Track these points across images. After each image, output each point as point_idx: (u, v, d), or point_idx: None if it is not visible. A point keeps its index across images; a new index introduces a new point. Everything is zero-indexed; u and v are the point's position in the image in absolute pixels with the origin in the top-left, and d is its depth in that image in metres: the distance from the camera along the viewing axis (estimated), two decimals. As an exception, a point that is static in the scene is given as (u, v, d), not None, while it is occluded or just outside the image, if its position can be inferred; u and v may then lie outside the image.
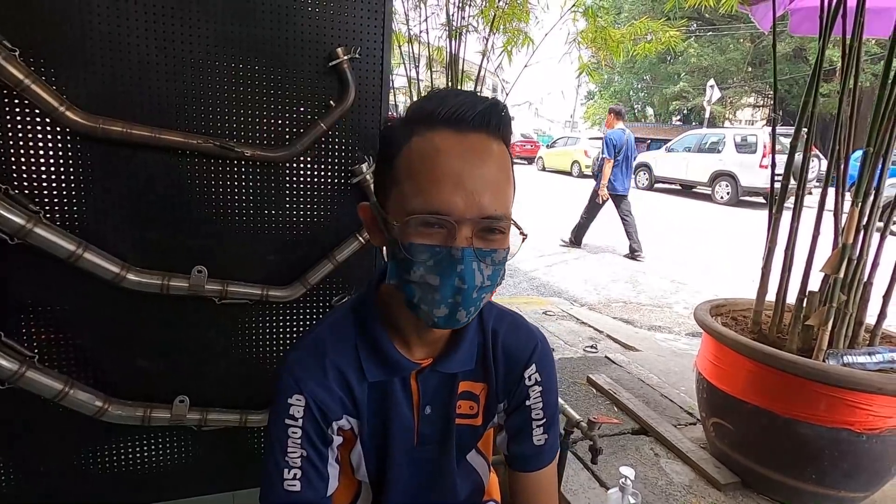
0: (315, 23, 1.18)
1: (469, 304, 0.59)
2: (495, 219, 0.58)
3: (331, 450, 0.70)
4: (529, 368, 0.76)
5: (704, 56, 20.79)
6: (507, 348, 0.76)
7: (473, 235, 0.58)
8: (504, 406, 0.78)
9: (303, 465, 0.67)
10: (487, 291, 0.62)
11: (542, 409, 0.77)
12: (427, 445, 0.75)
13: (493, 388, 0.76)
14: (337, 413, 0.69)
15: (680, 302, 4.41)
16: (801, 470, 1.47)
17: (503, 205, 0.59)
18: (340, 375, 0.68)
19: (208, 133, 1.16)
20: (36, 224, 1.01)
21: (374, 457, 0.74)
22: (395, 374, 0.70)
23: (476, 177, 0.57)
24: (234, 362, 1.30)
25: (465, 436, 0.78)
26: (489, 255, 0.59)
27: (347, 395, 0.69)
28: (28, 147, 1.05)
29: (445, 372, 0.72)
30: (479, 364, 0.75)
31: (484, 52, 2.81)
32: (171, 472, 1.34)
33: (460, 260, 0.57)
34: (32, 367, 1.07)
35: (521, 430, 0.78)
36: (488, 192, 0.57)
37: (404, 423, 0.72)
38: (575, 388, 2.29)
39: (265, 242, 1.26)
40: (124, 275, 1.12)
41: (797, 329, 1.61)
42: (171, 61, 1.11)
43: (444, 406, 0.74)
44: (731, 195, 10.78)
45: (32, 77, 0.99)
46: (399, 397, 0.71)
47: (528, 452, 0.77)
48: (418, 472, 0.76)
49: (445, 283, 0.58)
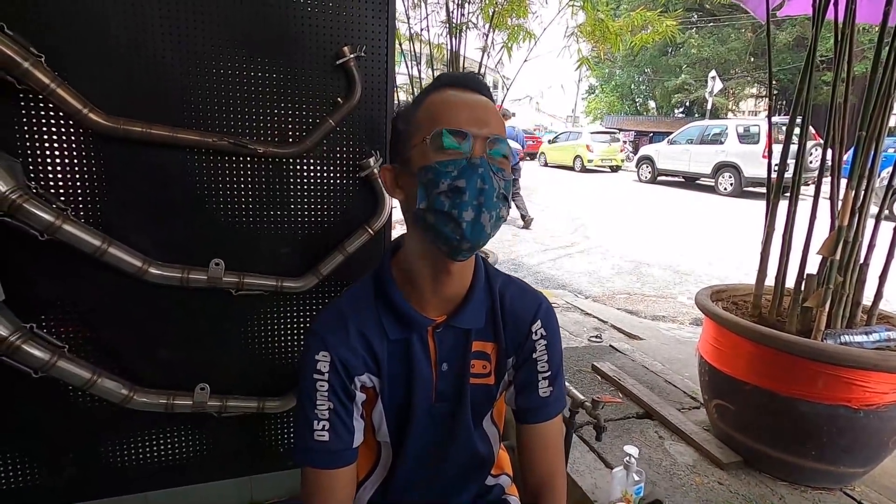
0: (322, 23, 1.23)
1: (492, 208, 0.68)
2: (499, 138, 0.70)
3: (355, 406, 0.77)
4: (535, 324, 0.83)
5: (706, 47, 20.68)
6: (514, 308, 0.82)
7: (485, 153, 0.69)
8: (513, 361, 0.84)
9: (330, 417, 0.74)
10: (503, 205, 0.70)
11: (548, 362, 0.83)
12: (444, 402, 0.81)
13: (503, 346, 0.82)
14: (359, 369, 0.76)
15: (683, 292, 4.44)
16: (801, 447, 1.51)
17: (502, 132, 0.72)
18: (362, 336, 0.76)
19: (222, 131, 1.22)
20: (64, 221, 1.07)
21: (395, 415, 0.80)
22: (412, 330, 0.77)
23: (480, 111, 0.71)
24: (251, 351, 1.36)
25: (480, 396, 0.83)
26: (500, 172, 0.70)
27: (369, 354, 0.76)
28: (53, 147, 1.11)
29: (459, 327, 0.79)
30: (489, 325, 0.81)
31: (484, 48, 2.85)
32: (192, 458, 1.40)
33: (480, 164, 0.68)
34: (63, 357, 1.13)
35: (528, 383, 0.83)
36: (491, 120, 0.71)
37: (424, 379, 0.79)
38: (580, 375, 2.33)
39: (279, 235, 1.32)
40: (146, 268, 1.18)
41: (796, 311, 1.65)
42: (186, 63, 1.17)
43: (460, 363, 0.80)
44: (734, 186, 10.77)
45: (58, 81, 1.05)
46: (419, 353, 0.78)
47: (534, 404, 0.83)
48: (436, 429, 0.82)
49: (470, 184, 0.67)
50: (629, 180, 13.75)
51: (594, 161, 15.63)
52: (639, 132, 22.06)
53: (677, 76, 22.10)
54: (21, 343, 1.07)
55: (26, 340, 1.08)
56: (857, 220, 1.53)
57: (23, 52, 1.01)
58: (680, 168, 12.37)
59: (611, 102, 28.15)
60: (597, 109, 29.52)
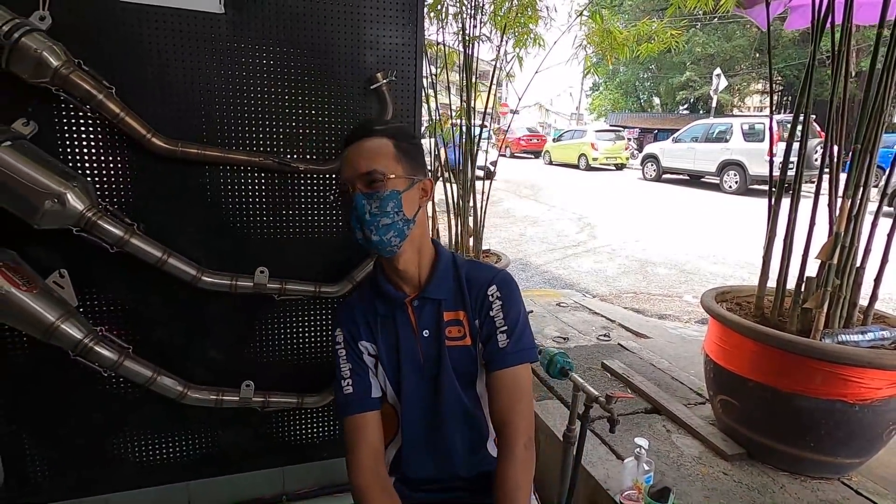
0: (358, 53, 1.35)
1: (369, 225, 0.91)
2: (368, 173, 0.91)
3: (369, 367, 1.03)
4: (491, 287, 1.01)
5: (710, 44, 20.65)
6: (475, 279, 1.03)
7: (360, 187, 0.92)
8: (478, 322, 1.02)
9: (351, 376, 1.01)
10: (385, 217, 0.91)
11: (504, 319, 1.00)
12: (430, 364, 1.02)
13: (470, 312, 1.02)
14: (360, 336, 1.03)
15: (689, 291, 4.54)
16: (801, 439, 1.62)
17: (375, 164, 0.92)
18: (362, 313, 1.04)
19: (268, 151, 1.34)
20: (132, 235, 1.19)
21: (392, 376, 1.02)
22: (394, 305, 1.02)
23: (356, 156, 0.93)
24: (291, 350, 1.48)
25: (461, 356, 1.02)
26: (374, 194, 0.91)
27: (366, 326, 1.03)
28: (120, 169, 1.23)
29: (430, 297, 1.01)
30: (457, 296, 1.02)
31: (497, 56, 2.95)
32: (231, 450, 1.52)
33: (353, 199, 0.92)
34: (129, 357, 1.25)
35: (488, 336, 1.00)
36: (363, 160, 0.92)
37: (409, 345, 1.01)
38: (591, 373, 2.45)
39: (317, 244, 1.43)
40: (200, 276, 1.30)
41: (796, 312, 1.75)
42: (235, 91, 1.28)
43: (437, 329, 1.01)
44: (739, 184, 10.81)
45: (126, 110, 1.16)
46: (402, 323, 1.02)
47: (493, 355, 1.00)
48: (427, 387, 1.02)
49: (351, 216, 0.92)
50: (634, 178, 13.81)
51: (599, 159, 15.68)
52: (643, 129, 22.06)
53: (682, 73, 22.07)
54: (93, 345, 1.19)
55: (98, 342, 1.20)
56: (853, 227, 1.63)
57: (97, 85, 1.13)
58: (685, 166, 12.42)
59: (615, 99, 28.12)
60: (601, 107, 29.48)
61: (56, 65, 1.08)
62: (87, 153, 1.20)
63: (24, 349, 1.25)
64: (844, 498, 1.57)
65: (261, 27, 1.27)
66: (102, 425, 1.38)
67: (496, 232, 6.68)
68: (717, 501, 1.53)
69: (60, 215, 1.09)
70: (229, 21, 1.25)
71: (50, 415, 1.33)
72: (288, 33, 1.29)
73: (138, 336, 1.31)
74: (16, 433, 1.29)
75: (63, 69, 1.08)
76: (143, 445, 1.44)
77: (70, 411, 1.34)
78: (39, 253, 1.20)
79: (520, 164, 17.04)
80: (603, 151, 15.67)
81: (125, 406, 1.38)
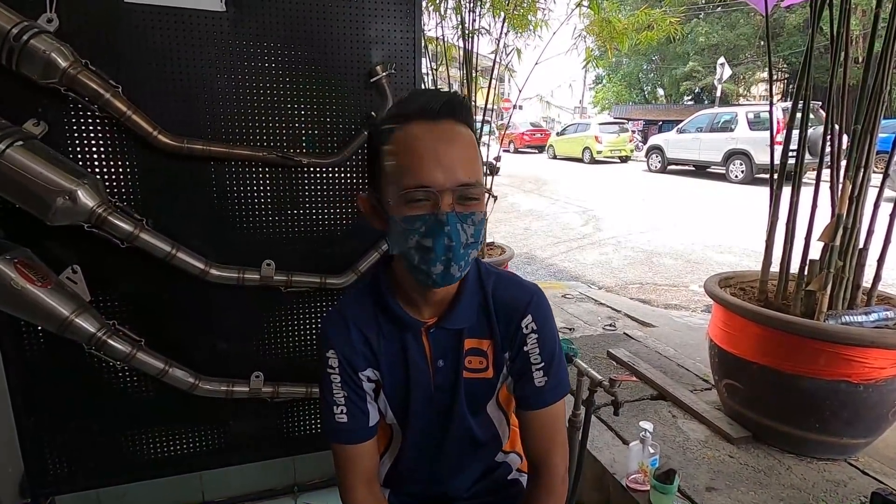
0: (357, 46, 1.37)
1: (459, 260, 0.72)
2: (469, 185, 0.71)
3: (367, 393, 0.86)
4: (525, 318, 0.85)
5: (714, 34, 20.46)
6: (505, 304, 0.86)
7: (454, 202, 0.71)
8: (509, 354, 0.88)
9: (346, 403, 0.84)
10: (473, 248, 0.74)
11: (540, 354, 0.86)
12: (442, 394, 0.87)
13: (498, 341, 0.86)
14: (361, 365, 0.84)
15: (695, 281, 4.53)
16: (806, 420, 1.63)
17: (475, 174, 0.72)
18: (362, 335, 0.83)
19: (271, 146, 1.36)
20: (141, 230, 1.22)
21: (397, 403, 0.88)
22: (405, 330, 0.84)
23: (449, 154, 0.70)
24: (298, 341, 1.51)
25: (480, 388, 0.88)
26: (470, 217, 0.72)
27: (369, 350, 0.84)
28: (128, 166, 1.26)
29: (449, 328, 0.84)
30: (482, 322, 0.86)
31: (497, 50, 2.96)
32: (243, 440, 1.55)
33: (446, 222, 0.70)
34: (141, 350, 1.29)
35: (522, 373, 0.87)
36: (461, 164, 0.71)
37: (420, 374, 0.85)
38: (596, 361, 2.46)
39: (321, 237, 1.46)
40: (208, 270, 1.33)
41: (800, 295, 1.75)
42: (238, 87, 1.31)
43: (454, 360, 0.86)
44: (745, 173, 10.74)
45: (133, 108, 1.19)
46: (414, 351, 0.85)
47: (530, 393, 0.87)
48: (435, 417, 0.89)
49: (437, 243, 0.70)
50: (639, 170, 13.75)
51: (603, 152, 15.62)
52: (648, 121, 21.93)
53: (685, 63, 21.89)
54: (107, 338, 1.22)
55: (111, 336, 1.23)
56: (854, 208, 1.63)
57: (104, 84, 1.16)
58: (690, 157, 12.35)
59: (618, 92, 27.96)
60: (604, 99, 29.31)
61: (64, 65, 1.11)
62: (96, 151, 1.23)
63: (40, 344, 1.29)
64: (851, 478, 1.58)
65: (261, 24, 1.29)
66: (117, 418, 1.41)
67: (500, 227, 6.69)
68: (722, 483, 1.55)
69: (72, 212, 1.13)
70: (231, 19, 1.27)
71: (67, 408, 1.36)
72: (288, 29, 1.32)
73: (149, 329, 1.34)
74: (34, 425, 1.33)
75: (71, 69, 1.11)
76: (158, 438, 1.47)
77: (86, 404, 1.37)
78: (53, 249, 1.23)
79: (524, 159, 17.01)
80: (607, 144, 15.61)
81: (139, 399, 1.41)
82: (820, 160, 1.76)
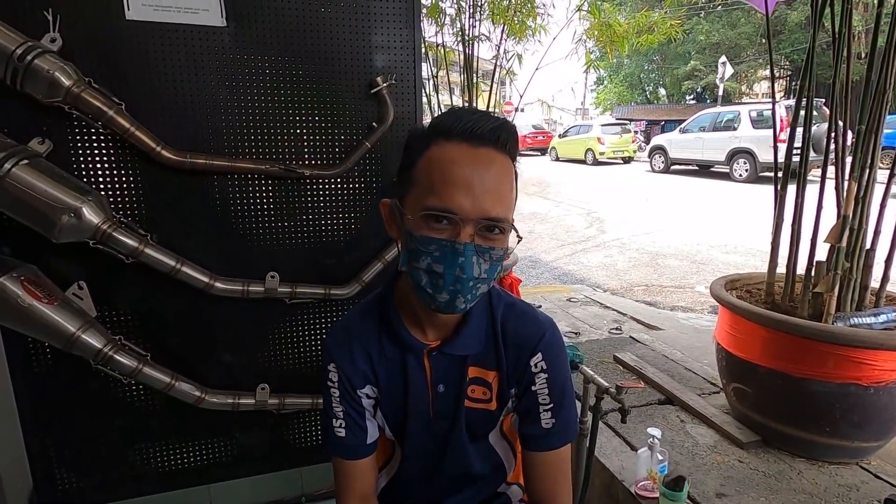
0: (358, 58, 1.37)
1: (466, 293, 0.70)
2: (496, 220, 0.68)
3: (366, 409, 0.85)
4: (535, 356, 0.81)
5: (714, 32, 20.43)
6: (515, 337, 0.82)
7: (475, 234, 0.67)
8: (514, 391, 0.84)
9: (345, 418, 0.83)
10: (484, 283, 0.71)
11: (548, 395, 0.82)
12: (441, 421, 0.84)
13: (504, 375, 0.83)
14: (360, 383, 0.82)
15: (701, 282, 4.51)
16: (816, 424, 1.61)
17: (504, 209, 0.69)
18: (364, 351, 0.82)
19: (273, 158, 1.37)
20: (146, 245, 1.23)
21: (394, 423, 0.86)
22: (407, 351, 0.81)
23: (482, 183, 0.67)
24: (303, 352, 1.51)
25: (482, 418, 0.85)
26: (488, 252, 0.69)
27: (369, 368, 0.82)
28: (132, 181, 1.27)
29: (452, 354, 0.81)
30: (490, 352, 0.82)
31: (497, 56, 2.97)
32: (249, 453, 1.55)
33: (462, 253, 0.67)
34: (147, 364, 1.29)
35: (528, 413, 0.83)
36: (491, 197, 0.67)
37: (419, 396, 0.83)
38: (602, 366, 2.44)
39: (324, 248, 1.46)
40: (213, 283, 1.33)
41: (807, 296, 1.74)
42: (239, 101, 1.32)
43: (456, 387, 0.82)
44: (749, 172, 10.69)
45: (136, 125, 1.20)
46: (414, 373, 0.82)
47: (536, 434, 0.83)
48: (432, 442, 0.86)
49: (448, 272, 0.68)
50: (642, 171, 13.72)
51: (606, 153, 15.61)
52: (650, 121, 21.91)
53: (687, 63, 21.87)
54: (113, 353, 1.23)
55: (118, 351, 1.24)
56: (860, 208, 1.62)
57: (107, 101, 1.17)
58: (693, 156, 12.32)
59: (620, 92, 27.96)
60: (606, 100, 29.32)
61: (68, 84, 1.12)
62: (101, 167, 1.24)
63: (47, 360, 1.30)
64: (863, 482, 1.56)
65: (261, 38, 1.30)
66: (124, 432, 1.42)
67: (505, 230, 6.67)
68: (733, 489, 1.53)
69: (77, 229, 1.13)
70: (231, 34, 1.28)
71: (74, 423, 1.37)
72: (287, 43, 1.32)
73: (155, 343, 1.35)
74: (42, 441, 1.34)
75: (74, 88, 1.12)
76: (165, 451, 1.47)
77: (93, 419, 1.38)
78: (59, 266, 1.24)
79: (526, 162, 17.01)
80: (610, 145, 15.61)
81: (146, 413, 1.41)
82: (825, 158, 1.74)
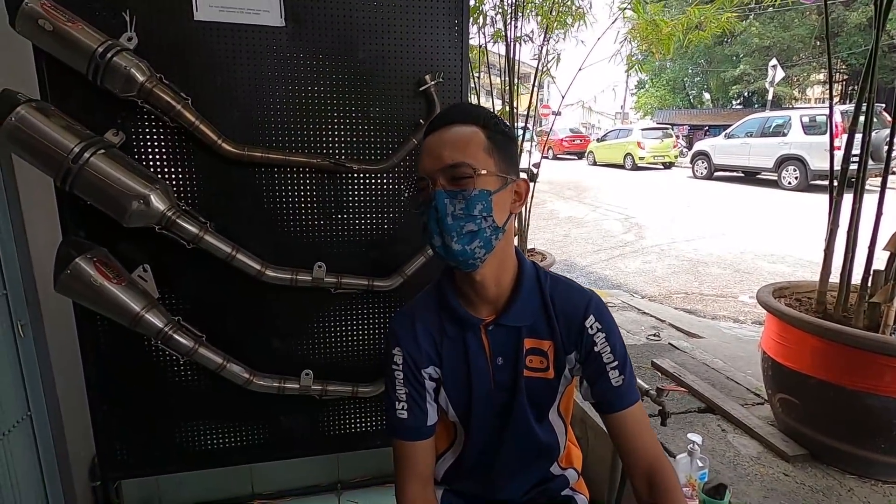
0: (407, 57, 1.41)
1: (450, 231, 0.78)
2: (455, 165, 0.78)
3: (427, 392, 0.92)
4: (588, 319, 0.88)
5: (766, 34, 19.62)
6: (565, 306, 0.89)
7: (446, 182, 0.79)
8: (576, 357, 0.89)
9: (407, 400, 0.90)
10: (467, 221, 0.78)
11: (612, 352, 0.87)
12: (502, 392, 0.91)
13: (559, 342, 0.89)
14: (424, 363, 0.90)
15: (745, 292, 4.35)
16: (871, 440, 1.54)
17: (461, 154, 0.78)
18: (427, 333, 0.90)
19: (325, 153, 1.42)
20: (206, 232, 1.30)
21: (459, 401, 0.92)
22: (466, 328, 0.89)
23: (441, 144, 0.80)
24: (346, 341, 1.56)
25: (541, 388, 0.91)
26: (460, 193, 0.78)
27: (432, 348, 0.90)
28: (194, 171, 1.35)
29: (507, 325, 0.88)
30: (543, 322, 0.89)
31: (538, 56, 2.97)
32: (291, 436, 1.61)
33: (433, 197, 0.79)
34: (202, 345, 1.36)
35: (598, 375, 0.88)
36: (448, 148, 0.79)
37: (481, 370, 0.90)
38: (640, 371, 2.40)
39: (370, 240, 1.51)
40: (264, 271, 1.40)
41: (863, 307, 1.66)
42: (295, 97, 1.38)
43: (513, 357, 0.89)
44: (799, 180, 10.20)
45: (200, 118, 1.28)
46: (474, 348, 0.90)
47: (609, 395, 0.87)
48: (496, 415, 0.92)
49: (431, 219, 0.79)
50: (683, 177, 13.32)
51: (646, 158, 15.22)
52: (693, 126, 21.23)
53: (735, 66, 21.08)
54: (173, 333, 1.31)
55: (177, 331, 1.32)
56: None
57: (176, 96, 1.25)
58: (739, 163, 11.85)
59: (662, 96, 27.23)
60: (647, 104, 28.59)
61: (142, 80, 1.20)
62: (166, 158, 1.32)
63: (113, 340, 1.39)
64: (921, 504, 1.48)
65: (318, 38, 1.36)
66: (176, 410, 1.50)
67: (540, 234, 6.63)
68: (776, 502, 1.48)
69: (145, 215, 1.21)
70: (289, 33, 1.34)
71: (132, 400, 1.46)
72: (342, 42, 1.38)
73: (209, 326, 1.42)
74: (107, 414, 1.43)
75: (148, 83, 1.21)
76: (212, 430, 1.55)
77: (148, 397, 1.46)
78: (126, 249, 1.33)
79: (563, 166, 16.79)
80: (650, 150, 15.21)
81: (196, 393, 1.49)
82: (886, 165, 1.67)
